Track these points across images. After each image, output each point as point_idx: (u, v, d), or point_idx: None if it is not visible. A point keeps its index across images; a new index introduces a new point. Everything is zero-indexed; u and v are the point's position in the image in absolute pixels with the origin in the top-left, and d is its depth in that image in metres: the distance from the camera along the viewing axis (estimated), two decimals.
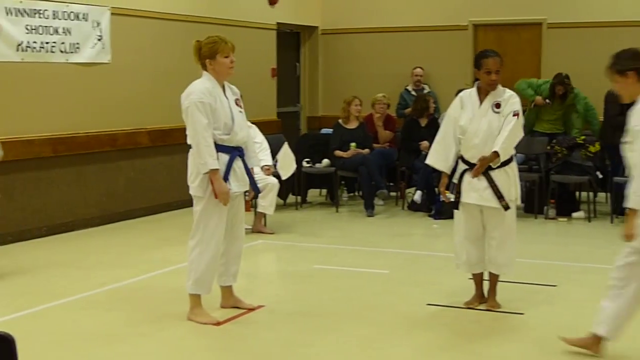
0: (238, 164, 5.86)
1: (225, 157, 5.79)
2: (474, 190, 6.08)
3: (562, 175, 10.33)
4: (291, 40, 14.14)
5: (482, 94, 6.20)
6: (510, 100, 6.16)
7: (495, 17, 13.01)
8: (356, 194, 11.85)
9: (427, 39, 13.27)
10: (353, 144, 10.76)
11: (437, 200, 10.29)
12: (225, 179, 5.75)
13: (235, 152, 5.81)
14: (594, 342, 5.14)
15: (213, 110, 5.69)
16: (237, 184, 5.84)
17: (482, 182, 6.05)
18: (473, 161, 6.07)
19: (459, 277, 7.26)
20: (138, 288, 6.96)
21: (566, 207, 10.40)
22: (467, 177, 6.11)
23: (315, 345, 5.42)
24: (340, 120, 10.88)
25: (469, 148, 6.10)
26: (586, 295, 6.71)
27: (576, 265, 7.81)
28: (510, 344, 5.45)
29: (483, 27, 13.20)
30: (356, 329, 5.71)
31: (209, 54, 5.79)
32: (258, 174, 8.56)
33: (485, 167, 6.02)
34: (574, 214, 10.36)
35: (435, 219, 10.23)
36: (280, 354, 5.30)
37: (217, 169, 5.67)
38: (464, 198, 6.15)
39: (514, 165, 6.20)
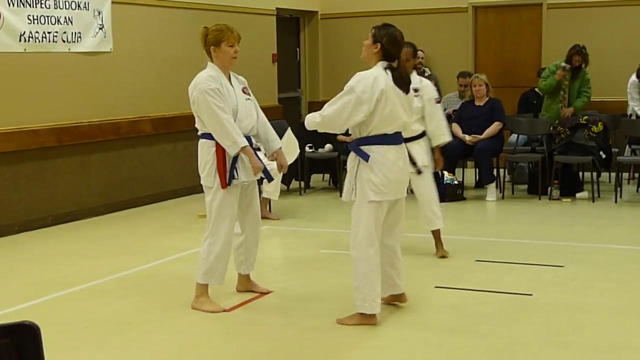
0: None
1: None
2: None
3: (565, 156, 10.35)
4: (291, 25, 14.14)
5: None
6: (427, 88, 7.28)
7: None
8: None
9: (427, 22, 13.26)
10: None
11: (441, 183, 10.31)
12: (233, 168, 5.76)
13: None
14: None
15: (222, 96, 5.70)
16: (246, 174, 5.84)
17: None
18: None
19: (466, 260, 7.32)
20: (147, 275, 7.00)
21: (570, 188, 10.43)
22: None
23: (325, 329, 5.45)
24: None
25: None
26: (593, 275, 6.75)
27: (582, 245, 7.83)
28: (519, 325, 5.48)
29: (483, 9, 13.20)
30: None
31: (214, 42, 5.80)
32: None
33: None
34: (578, 195, 10.39)
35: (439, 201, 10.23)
36: (291, 339, 5.33)
37: (246, 145, 5.68)
38: None
39: (425, 138, 7.27)
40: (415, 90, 6.90)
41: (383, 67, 5.44)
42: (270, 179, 6.27)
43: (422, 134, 7.28)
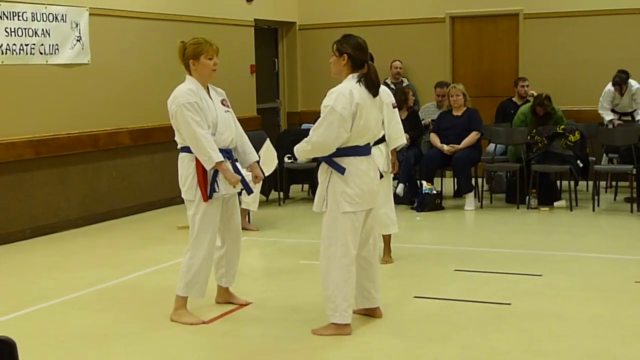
0: (228, 165, 5.85)
1: None
2: None
3: (543, 165, 10.40)
4: (269, 36, 14.15)
5: None
6: (384, 93, 7.04)
7: (472, 8, 13.08)
8: None
9: (404, 32, 13.32)
10: None
11: (420, 193, 10.35)
12: (213, 181, 5.76)
13: (224, 153, 5.79)
14: None
15: (201, 109, 5.70)
16: (226, 187, 5.83)
17: None
18: None
19: (444, 269, 7.33)
20: (126, 288, 6.97)
21: (548, 197, 10.49)
22: None
23: (305, 340, 5.45)
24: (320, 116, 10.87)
25: None
26: (571, 283, 6.79)
27: (560, 254, 7.87)
28: (498, 334, 5.50)
29: (460, 19, 13.26)
30: None
31: (192, 55, 5.80)
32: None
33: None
34: (556, 203, 10.45)
35: (418, 211, 10.28)
36: (270, 350, 5.32)
37: (222, 161, 5.68)
38: None
39: (385, 143, 7.26)
40: None
41: (356, 80, 5.45)
42: (250, 191, 6.25)
43: (382, 139, 7.26)
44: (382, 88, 7.33)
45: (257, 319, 5.98)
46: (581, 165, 10.38)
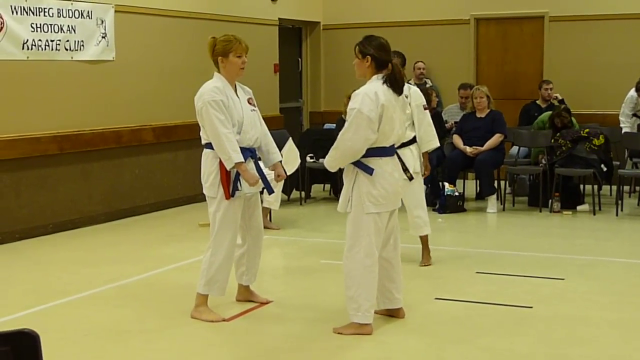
0: (249, 165, 5.86)
1: None
2: None
3: (566, 169, 10.34)
4: (293, 35, 14.16)
5: None
6: (415, 94, 7.33)
7: (497, 10, 13.03)
8: None
9: (429, 33, 13.29)
10: None
11: (442, 195, 10.32)
12: (236, 180, 5.77)
13: (247, 152, 5.80)
14: None
15: (226, 108, 5.71)
16: (248, 185, 5.84)
17: None
18: None
19: (466, 271, 7.31)
20: (147, 284, 6.99)
21: (571, 201, 10.43)
22: None
23: (325, 339, 5.44)
24: (343, 116, 10.86)
25: None
26: (594, 288, 6.75)
27: (582, 258, 7.83)
28: (519, 337, 5.47)
29: (485, 21, 13.21)
30: None
31: (222, 52, 5.81)
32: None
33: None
34: (579, 207, 10.39)
35: (440, 213, 10.25)
36: (290, 349, 5.32)
37: (241, 162, 5.68)
38: None
39: (416, 145, 7.31)
40: (405, 97, 7.09)
41: (382, 81, 5.44)
42: (270, 191, 6.24)
43: (413, 140, 7.31)
44: (414, 89, 7.46)
45: (277, 318, 5.99)
46: (605, 169, 10.32)
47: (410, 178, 7.12)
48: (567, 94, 11.81)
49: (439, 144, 7.61)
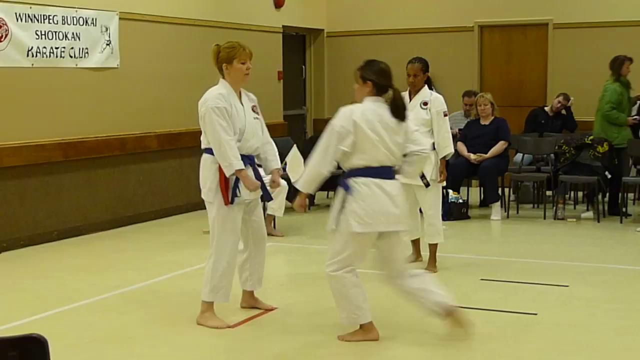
0: (249, 172, 5.87)
1: None
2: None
3: (570, 176, 10.34)
4: (297, 43, 14.17)
5: (412, 94, 7.54)
6: (436, 101, 7.47)
7: (501, 17, 13.04)
8: None
9: (433, 41, 13.28)
10: None
11: (445, 202, 10.30)
12: (235, 186, 5.78)
13: (246, 160, 5.81)
14: None
15: (229, 115, 5.72)
16: (249, 192, 5.85)
17: None
18: None
19: (471, 278, 7.30)
20: (151, 291, 6.99)
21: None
22: None
23: (330, 347, 5.44)
24: None
25: None
26: (598, 295, 6.74)
27: (587, 265, 7.82)
28: (524, 344, 5.47)
29: (489, 28, 13.23)
30: None
31: (226, 59, 5.83)
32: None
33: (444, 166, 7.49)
34: (583, 215, 10.38)
35: (444, 220, 10.17)
36: (294, 356, 5.32)
37: (242, 169, 5.69)
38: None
39: (435, 152, 7.38)
40: (425, 104, 7.43)
41: (376, 102, 5.43)
42: (268, 198, 6.23)
43: (432, 147, 7.36)
44: (435, 95, 7.59)
45: (281, 324, 5.99)
46: (609, 176, 10.31)
47: (427, 185, 7.37)
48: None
49: (453, 150, 7.65)
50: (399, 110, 5.44)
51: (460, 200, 10.43)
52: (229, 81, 5.86)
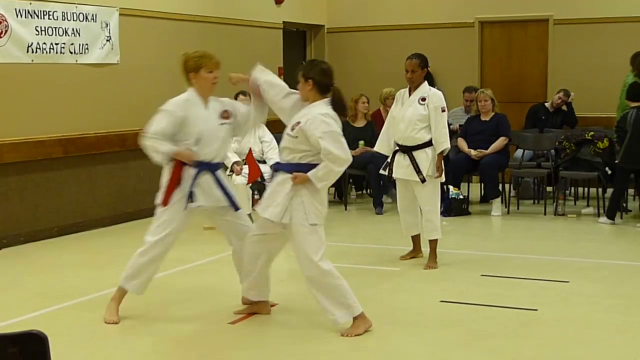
0: (205, 178, 5.82)
1: (192, 171, 5.79)
2: (400, 167, 7.53)
3: (570, 172, 10.34)
4: (297, 39, 14.16)
5: (411, 90, 7.56)
6: (434, 97, 7.46)
7: (502, 13, 13.03)
8: (364, 192, 11.88)
9: (433, 37, 13.27)
10: (361, 142, 10.80)
11: (446, 198, 10.31)
12: (191, 192, 5.76)
13: (203, 166, 5.79)
14: None
15: (180, 123, 5.74)
16: (205, 198, 5.82)
17: (406, 160, 7.46)
18: (400, 142, 7.51)
19: (471, 274, 7.30)
20: (152, 287, 6.89)
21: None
22: (397, 156, 7.55)
23: (330, 343, 5.44)
24: (347, 119, 10.89)
25: (397, 131, 7.53)
26: (598, 290, 6.74)
27: (587, 261, 7.82)
28: (524, 340, 5.47)
29: (489, 24, 13.22)
30: None
31: (193, 67, 5.87)
32: (267, 173, 8.59)
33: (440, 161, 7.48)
34: (583, 210, 10.38)
35: (444, 216, 10.20)
36: (295, 352, 5.32)
37: (173, 150, 5.76)
38: (394, 174, 7.60)
39: (432, 147, 7.44)
40: (423, 100, 7.45)
41: (329, 106, 5.59)
42: (236, 208, 6.00)
43: (429, 143, 7.44)
44: (434, 91, 7.59)
45: (281, 321, 5.99)
46: (609, 172, 10.30)
47: (423, 180, 7.38)
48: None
49: (449, 146, 7.64)
50: (338, 106, 5.62)
51: (461, 196, 10.44)
52: (197, 89, 5.87)
